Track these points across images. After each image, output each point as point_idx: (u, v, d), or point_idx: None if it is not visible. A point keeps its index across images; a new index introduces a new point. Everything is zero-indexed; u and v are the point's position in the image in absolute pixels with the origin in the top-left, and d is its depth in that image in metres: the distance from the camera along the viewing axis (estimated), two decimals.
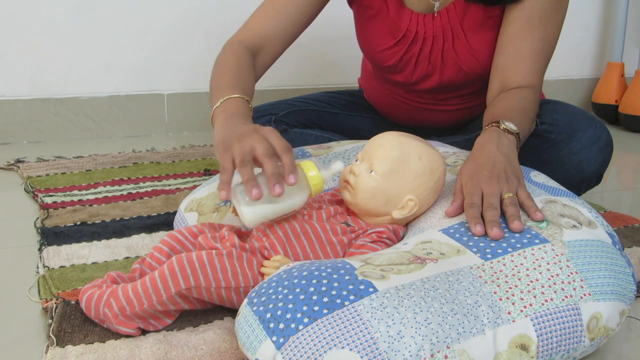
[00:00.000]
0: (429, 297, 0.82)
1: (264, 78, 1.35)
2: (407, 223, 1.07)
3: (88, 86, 2.06)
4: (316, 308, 0.80)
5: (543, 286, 0.86)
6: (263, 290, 0.85)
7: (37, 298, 1.05)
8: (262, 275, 0.94)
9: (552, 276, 0.87)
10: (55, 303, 1.00)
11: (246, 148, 0.95)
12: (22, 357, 0.90)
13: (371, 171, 1.01)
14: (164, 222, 1.34)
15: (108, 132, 2.10)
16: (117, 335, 0.91)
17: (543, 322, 0.83)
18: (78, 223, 1.34)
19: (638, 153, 2.18)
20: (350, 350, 0.76)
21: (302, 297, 0.81)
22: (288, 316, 0.80)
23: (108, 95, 2.09)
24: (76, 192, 1.54)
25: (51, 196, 1.51)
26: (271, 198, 0.94)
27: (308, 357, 0.76)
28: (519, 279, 0.86)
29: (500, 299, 0.84)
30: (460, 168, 1.05)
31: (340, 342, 0.76)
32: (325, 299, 0.80)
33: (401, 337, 0.77)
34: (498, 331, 0.81)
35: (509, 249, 0.91)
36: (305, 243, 0.99)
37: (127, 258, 1.19)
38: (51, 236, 1.27)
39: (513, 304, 0.83)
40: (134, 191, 1.55)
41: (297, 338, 0.78)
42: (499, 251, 0.90)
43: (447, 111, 1.45)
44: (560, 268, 0.88)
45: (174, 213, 1.29)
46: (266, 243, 0.98)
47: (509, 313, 0.82)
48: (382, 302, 0.80)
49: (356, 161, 1.04)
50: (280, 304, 0.81)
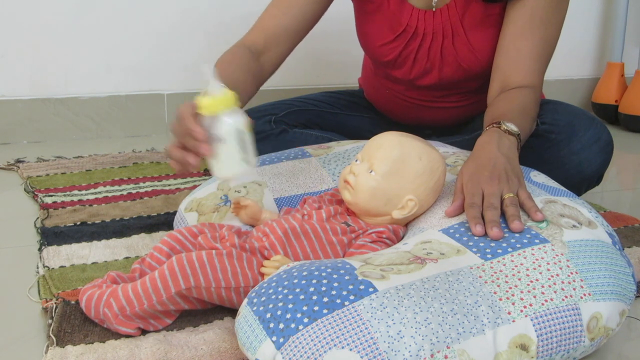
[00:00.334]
0: (429, 297, 0.82)
1: None
2: (407, 223, 1.07)
3: (88, 86, 2.06)
4: (316, 308, 0.80)
5: (543, 286, 0.86)
6: (263, 290, 0.85)
7: (37, 298, 1.05)
8: (262, 275, 0.94)
9: (552, 276, 0.87)
10: (55, 303, 1.00)
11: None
12: (22, 357, 0.90)
13: (371, 171, 1.01)
14: (164, 222, 1.34)
15: (108, 132, 2.10)
16: (117, 335, 0.91)
17: (543, 322, 0.83)
18: (78, 223, 1.34)
19: (638, 153, 2.18)
20: (350, 350, 0.76)
21: (302, 297, 0.81)
22: (288, 316, 0.80)
23: (108, 95, 2.09)
24: (76, 192, 1.54)
25: (51, 196, 1.51)
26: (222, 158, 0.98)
27: (308, 357, 0.76)
28: (519, 279, 0.86)
29: (500, 299, 0.84)
30: (461, 168, 1.05)
31: (340, 342, 0.76)
32: (325, 299, 0.80)
33: (401, 337, 0.77)
34: (498, 331, 0.81)
35: (509, 249, 0.90)
36: (305, 243, 0.99)
37: (127, 258, 1.19)
38: (51, 236, 1.27)
39: (513, 304, 0.83)
40: (134, 191, 1.55)
41: (297, 338, 0.78)
42: (499, 251, 0.90)
43: (447, 108, 1.45)
44: (560, 268, 0.88)
45: (174, 213, 1.29)
46: (266, 243, 0.98)
47: (509, 313, 0.82)
48: (382, 302, 0.80)
49: (356, 161, 1.04)
50: (280, 304, 0.81)
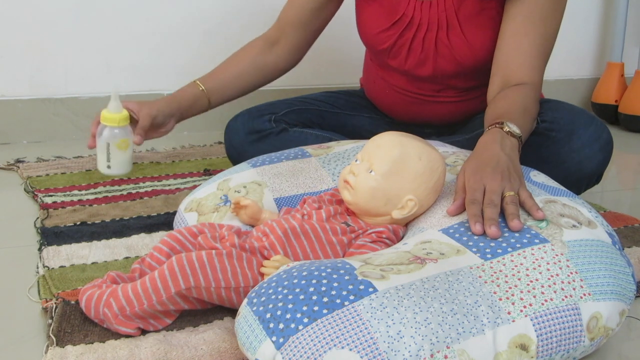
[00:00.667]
0: (429, 297, 0.82)
1: None
2: (407, 223, 1.07)
3: (88, 86, 2.06)
4: (316, 308, 0.80)
5: (543, 286, 0.86)
6: (263, 290, 0.85)
7: (37, 298, 1.05)
8: (262, 275, 0.94)
9: (552, 276, 0.87)
10: (55, 303, 1.00)
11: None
12: (22, 357, 0.90)
13: (371, 171, 1.01)
14: (164, 222, 1.33)
15: None
16: (117, 335, 0.91)
17: (543, 322, 0.83)
18: (78, 223, 1.34)
19: (638, 153, 2.18)
20: (350, 350, 0.76)
21: (302, 297, 0.81)
22: (288, 316, 0.80)
23: (108, 95, 2.07)
24: (76, 192, 1.54)
25: (51, 196, 1.51)
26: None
27: (308, 357, 0.76)
28: (519, 279, 0.86)
29: (500, 299, 0.84)
30: (462, 165, 1.04)
31: (340, 342, 0.76)
32: (325, 299, 0.80)
33: (401, 337, 0.77)
34: (498, 331, 0.81)
35: (509, 249, 0.90)
36: (305, 243, 0.99)
37: (127, 258, 1.19)
38: (51, 236, 1.27)
39: (513, 304, 0.83)
40: (134, 191, 1.55)
41: (297, 338, 0.78)
42: (499, 251, 0.90)
43: (446, 103, 1.45)
44: (560, 268, 0.88)
45: (174, 213, 1.29)
46: (266, 243, 0.98)
47: (509, 313, 0.82)
48: (382, 302, 0.80)
49: (356, 161, 1.04)
50: (280, 304, 0.81)
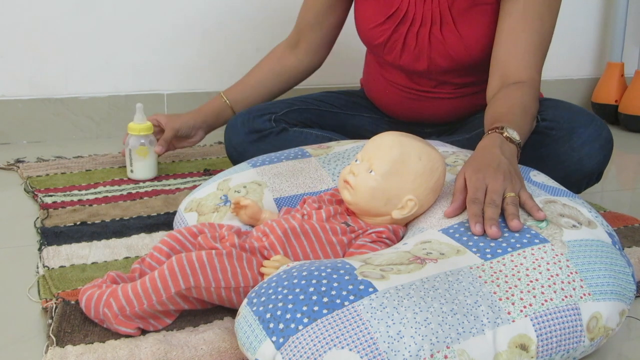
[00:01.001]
0: (429, 297, 0.82)
1: None
2: (407, 223, 1.07)
3: (88, 86, 2.06)
4: (316, 308, 0.80)
5: (543, 286, 0.86)
6: (263, 290, 0.85)
7: (37, 298, 1.05)
8: (262, 275, 0.94)
9: (552, 276, 0.87)
10: (55, 303, 1.00)
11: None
12: (22, 357, 0.90)
13: (371, 171, 1.01)
14: (164, 222, 1.34)
15: (108, 132, 2.10)
16: (117, 335, 0.91)
17: (543, 322, 0.83)
18: (78, 223, 1.34)
19: (638, 153, 2.18)
20: (350, 350, 0.76)
21: (302, 297, 0.81)
22: (288, 316, 0.80)
23: (108, 95, 2.09)
24: (76, 192, 1.54)
25: (51, 196, 1.51)
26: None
27: (308, 357, 0.76)
28: (519, 279, 0.86)
29: (500, 299, 0.84)
30: (462, 167, 1.04)
31: (340, 342, 0.76)
32: (325, 299, 0.80)
33: (401, 337, 0.77)
34: (498, 331, 0.81)
35: (509, 249, 0.90)
36: (305, 243, 0.99)
37: (127, 258, 1.19)
38: (51, 236, 1.27)
39: (513, 304, 0.83)
40: (134, 191, 1.55)
41: (297, 338, 0.78)
42: (499, 251, 0.90)
43: (443, 99, 1.45)
44: (560, 268, 0.88)
45: (174, 213, 1.29)
46: (266, 243, 0.98)
47: (509, 313, 0.82)
48: (382, 302, 0.80)
49: (356, 161, 1.04)
50: (280, 304, 0.81)
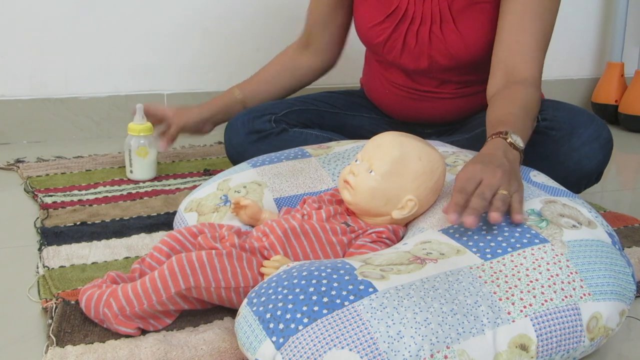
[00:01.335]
0: (429, 297, 0.82)
1: None
2: (407, 223, 1.07)
3: (88, 86, 2.06)
4: (316, 308, 0.80)
5: (543, 286, 0.86)
6: (263, 290, 0.85)
7: (37, 298, 1.05)
8: (262, 275, 0.94)
9: (552, 276, 0.87)
10: (55, 303, 1.00)
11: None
12: (22, 357, 0.90)
13: (371, 171, 1.01)
14: (164, 222, 1.33)
15: (108, 132, 2.10)
16: (117, 335, 0.91)
17: (543, 322, 0.83)
18: (78, 223, 1.34)
19: (638, 153, 2.18)
20: (350, 350, 0.76)
21: (302, 297, 0.81)
22: (288, 316, 0.80)
23: (108, 95, 2.08)
24: (76, 192, 1.54)
25: (51, 196, 1.51)
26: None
27: (308, 357, 0.76)
28: (519, 279, 0.86)
29: (500, 299, 0.84)
30: (464, 165, 1.03)
31: (340, 342, 0.76)
32: (325, 299, 0.80)
33: (401, 337, 0.77)
34: (498, 331, 0.81)
35: (509, 249, 0.90)
36: (305, 243, 0.99)
37: (127, 258, 1.19)
38: (51, 236, 1.27)
39: (513, 304, 0.83)
40: (134, 191, 1.55)
41: (297, 338, 0.78)
42: (499, 251, 0.90)
43: (444, 99, 1.45)
44: (560, 268, 0.88)
45: (174, 213, 1.29)
46: (266, 243, 0.98)
47: (509, 313, 0.82)
48: (382, 302, 0.80)
49: (356, 161, 1.04)
50: (280, 304, 0.81)
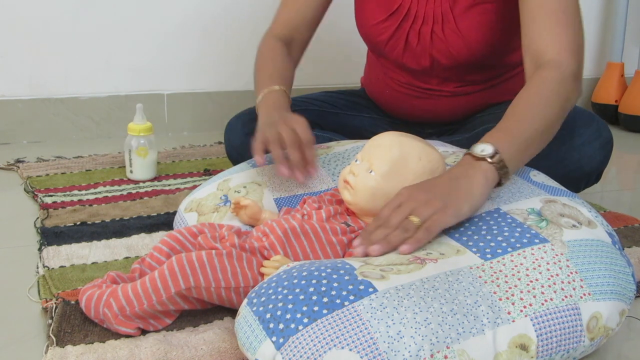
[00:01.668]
0: (429, 297, 0.82)
1: None
2: None
3: (88, 86, 2.06)
4: (316, 308, 0.80)
5: (543, 286, 0.86)
6: (263, 290, 0.85)
7: (37, 298, 1.05)
8: (262, 275, 0.94)
9: (552, 276, 0.87)
10: (55, 303, 1.00)
11: (273, 134, 1.11)
12: (22, 357, 0.90)
13: (371, 171, 1.01)
14: (164, 222, 1.34)
15: (108, 132, 2.10)
16: (117, 335, 0.91)
17: (543, 322, 0.83)
18: (78, 223, 1.34)
19: (638, 153, 2.18)
20: (350, 350, 0.76)
21: (302, 297, 0.81)
22: (288, 316, 0.80)
23: (108, 95, 2.09)
24: (76, 192, 1.54)
25: (51, 196, 1.51)
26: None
27: (308, 357, 0.76)
28: (519, 279, 0.86)
29: (500, 299, 0.84)
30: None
31: (340, 342, 0.76)
32: (325, 299, 0.80)
33: (401, 337, 0.77)
34: (498, 331, 0.81)
35: (509, 249, 0.90)
36: (305, 243, 0.99)
37: (127, 258, 1.19)
38: (51, 236, 1.27)
39: (513, 304, 0.83)
40: (134, 191, 1.55)
41: (297, 338, 0.78)
42: (499, 251, 0.90)
43: (446, 97, 1.45)
44: (560, 268, 0.88)
45: (174, 213, 1.29)
46: (266, 243, 0.98)
47: (509, 313, 0.82)
48: (382, 302, 0.80)
49: (356, 161, 1.04)
50: (280, 304, 0.81)
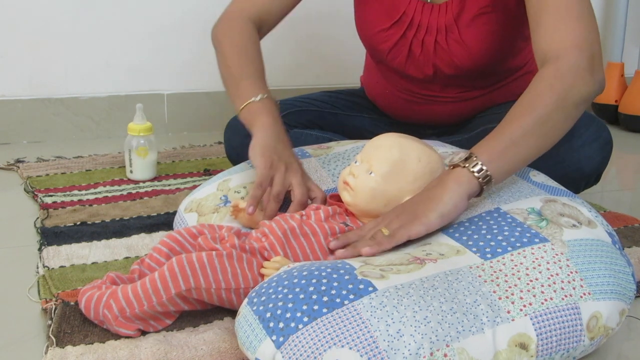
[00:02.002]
0: (428, 296, 0.82)
1: None
2: None
3: (88, 86, 2.06)
4: (316, 307, 0.80)
5: (543, 285, 0.86)
6: (263, 290, 0.85)
7: (37, 298, 1.05)
8: (262, 276, 0.94)
9: (552, 275, 0.87)
10: (54, 304, 1.00)
11: (286, 183, 1.09)
12: (22, 357, 0.90)
13: (371, 172, 1.01)
14: (164, 222, 1.34)
15: (108, 132, 2.10)
16: (117, 335, 0.91)
17: (543, 321, 0.83)
18: (78, 223, 1.34)
19: (638, 153, 2.18)
20: (350, 349, 0.76)
21: (302, 297, 0.81)
22: (288, 315, 0.80)
23: (108, 95, 2.09)
24: (76, 192, 1.54)
25: (51, 196, 1.51)
26: None
27: (308, 356, 0.76)
28: (519, 278, 0.86)
29: (499, 298, 0.84)
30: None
31: (340, 341, 0.76)
32: (325, 298, 0.80)
33: (401, 336, 0.77)
34: (497, 330, 0.81)
35: (509, 248, 0.91)
36: (304, 244, 0.99)
37: (127, 258, 1.19)
38: (51, 236, 1.27)
39: (512, 303, 0.83)
40: (134, 191, 1.55)
41: (297, 337, 0.78)
42: (499, 250, 0.90)
43: (447, 103, 1.45)
44: (560, 267, 0.88)
45: (174, 213, 1.29)
46: (266, 244, 0.98)
47: (509, 312, 0.82)
48: (382, 301, 0.80)
49: (355, 162, 1.04)
50: (280, 303, 0.81)
